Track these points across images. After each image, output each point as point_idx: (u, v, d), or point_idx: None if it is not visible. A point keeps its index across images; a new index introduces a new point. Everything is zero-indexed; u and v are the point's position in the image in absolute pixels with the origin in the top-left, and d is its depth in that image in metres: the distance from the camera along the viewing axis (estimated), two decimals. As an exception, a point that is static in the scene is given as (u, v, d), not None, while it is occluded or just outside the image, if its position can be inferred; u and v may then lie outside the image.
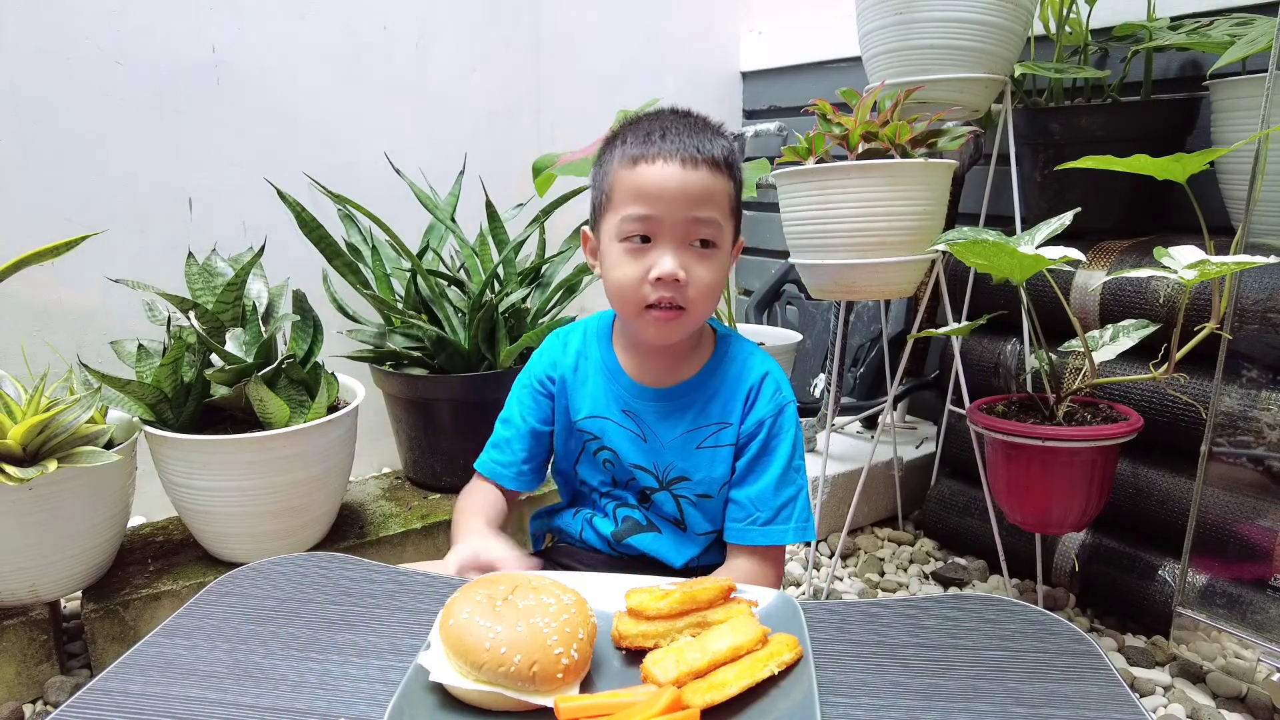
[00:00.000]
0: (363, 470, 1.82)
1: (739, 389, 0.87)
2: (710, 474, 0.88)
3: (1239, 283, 1.14)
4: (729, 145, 0.83)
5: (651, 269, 0.79)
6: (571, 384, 0.92)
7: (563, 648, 0.55)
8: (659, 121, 0.82)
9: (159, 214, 1.63)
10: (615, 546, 0.92)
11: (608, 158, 0.84)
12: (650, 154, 0.79)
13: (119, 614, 1.24)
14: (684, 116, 0.84)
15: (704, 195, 0.79)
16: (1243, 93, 1.25)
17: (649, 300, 0.80)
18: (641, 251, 0.80)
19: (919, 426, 2.00)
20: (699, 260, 0.80)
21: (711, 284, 0.81)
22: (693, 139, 0.80)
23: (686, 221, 0.79)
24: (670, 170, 0.78)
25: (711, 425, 0.87)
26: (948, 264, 1.52)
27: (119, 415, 1.30)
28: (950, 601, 0.69)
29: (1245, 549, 1.18)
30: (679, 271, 0.78)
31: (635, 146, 0.80)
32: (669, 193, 0.78)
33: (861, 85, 1.49)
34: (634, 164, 0.79)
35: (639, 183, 0.79)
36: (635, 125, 0.83)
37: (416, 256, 1.56)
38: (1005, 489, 1.24)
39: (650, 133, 0.80)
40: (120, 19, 1.54)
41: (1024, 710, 0.55)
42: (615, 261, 0.81)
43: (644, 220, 0.79)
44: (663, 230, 0.79)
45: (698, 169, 0.78)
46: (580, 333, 0.94)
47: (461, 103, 1.95)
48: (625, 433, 0.89)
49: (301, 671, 0.60)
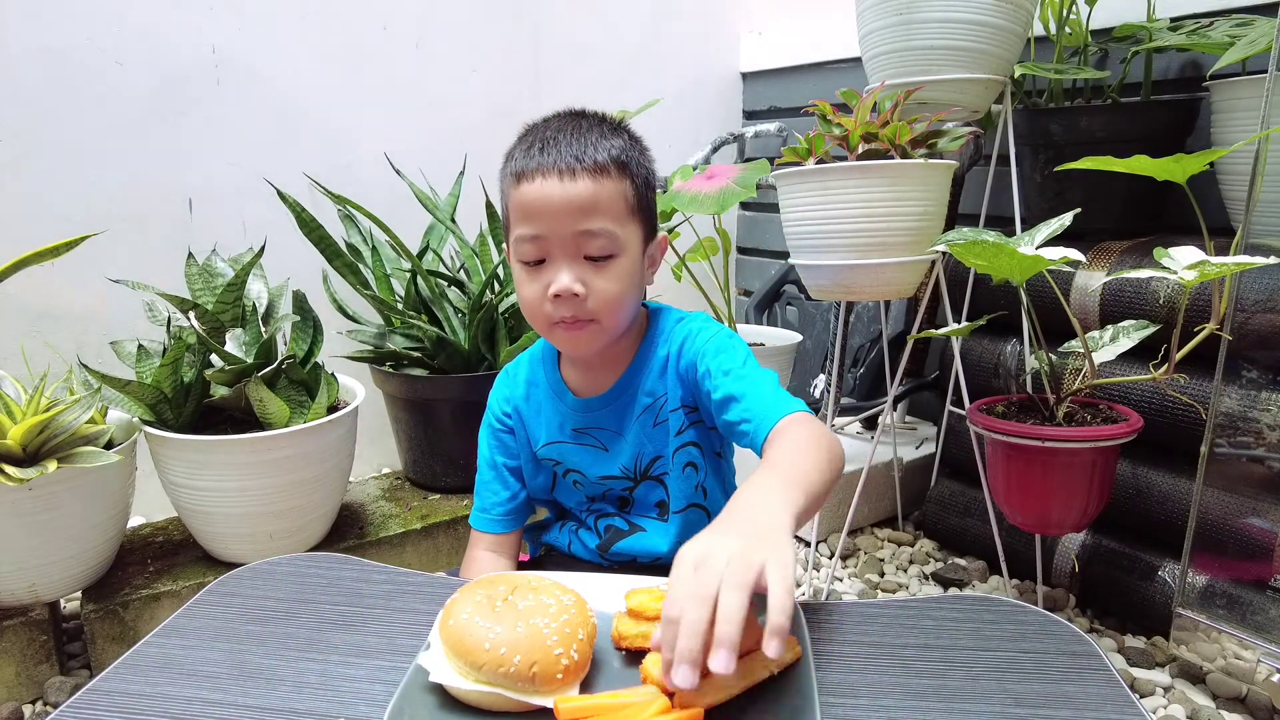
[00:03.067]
0: (363, 470, 1.82)
1: (664, 359, 0.86)
2: (671, 442, 0.86)
3: (1239, 283, 1.14)
4: (623, 144, 0.79)
5: (549, 286, 0.77)
6: (527, 414, 0.91)
7: (562, 648, 0.55)
8: (544, 130, 0.79)
9: (159, 214, 1.63)
10: (604, 556, 0.92)
11: (502, 173, 0.81)
12: (530, 170, 0.76)
13: (119, 614, 1.24)
14: (573, 119, 0.81)
15: (588, 206, 0.76)
16: (1243, 93, 1.25)
17: (554, 318, 0.78)
18: (538, 271, 0.78)
19: (919, 427, 2.00)
20: (597, 272, 0.78)
21: (616, 293, 0.78)
22: (574, 146, 0.77)
23: (574, 236, 0.76)
24: (549, 186, 0.75)
25: (657, 399, 0.86)
26: (948, 265, 1.52)
27: (119, 415, 1.30)
28: (950, 602, 0.69)
29: (1245, 549, 1.18)
30: (575, 286, 0.76)
31: (518, 161, 0.78)
32: (551, 209, 0.75)
33: (861, 86, 1.49)
34: (517, 182, 0.77)
35: (523, 202, 0.77)
36: (524, 136, 0.81)
37: (416, 257, 1.56)
38: (1005, 490, 1.24)
39: (532, 145, 0.78)
40: (120, 19, 1.54)
41: (1024, 711, 0.55)
42: (518, 282, 0.81)
43: (534, 241, 0.77)
44: (552, 248, 0.77)
45: (577, 180, 0.76)
46: (527, 362, 0.93)
47: (461, 103, 1.95)
48: (583, 450, 0.88)
49: (301, 672, 0.60)
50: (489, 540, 0.93)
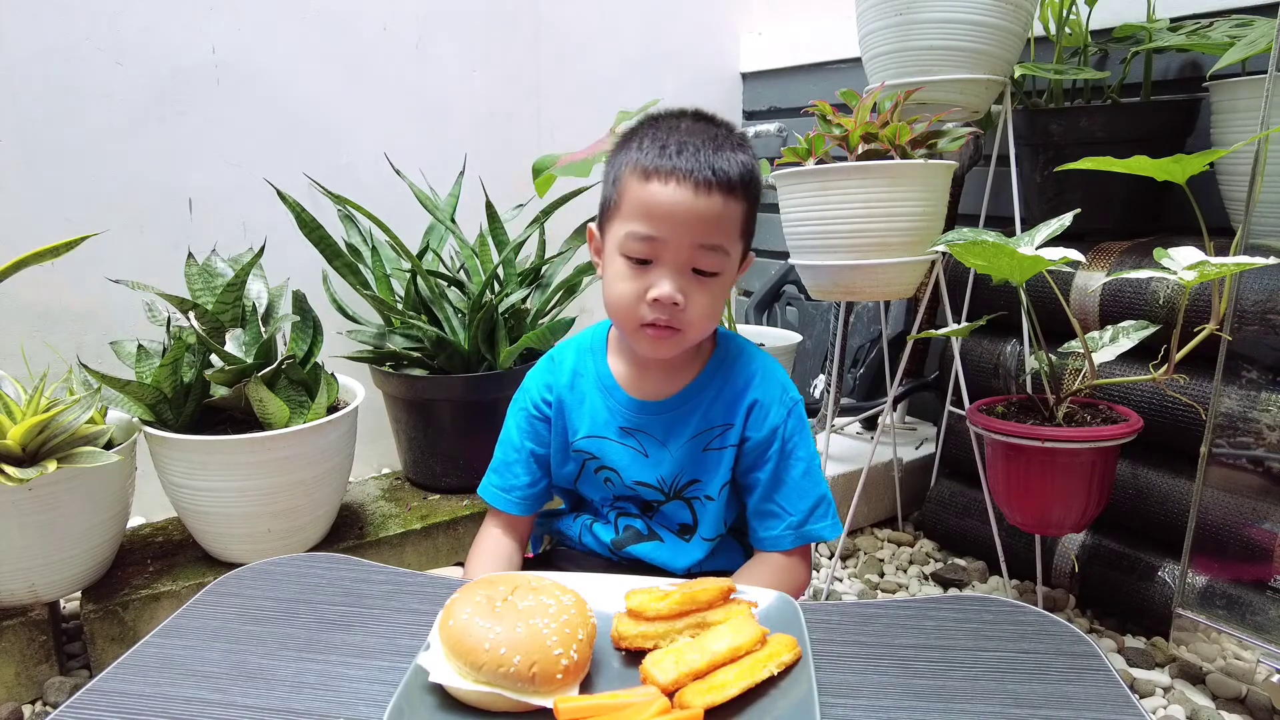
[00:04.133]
0: (362, 471, 1.82)
1: (743, 391, 0.85)
2: (716, 475, 0.86)
3: (1238, 284, 1.14)
4: (749, 160, 0.79)
5: (650, 289, 0.76)
6: (569, 403, 0.89)
7: (562, 648, 0.55)
8: (678, 131, 0.77)
9: (159, 214, 1.63)
10: (615, 553, 0.90)
11: (622, 158, 0.79)
12: (663, 170, 0.75)
13: (118, 614, 1.23)
14: (707, 124, 0.79)
15: (714, 223, 0.76)
16: (1242, 94, 1.25)
17: (645, 319, 0.78)
18: (642, 271, 0.77)
19: (919, 427, 2.00)
20: (699, 286, 0.78)
21: (711, 310, 0.79)
22: (711, 156, 0.75)
23: (691, 248, 0.76)
24: (682, 194, 0.74)
25: (716, 428, 0.85)
26: (947, 265, 1.52)
27: (119, 415, 1.30)
28: (950, 602, 0.69)
29: (1245, 550, 1.18)
30: (677, 296, 0.76)
31: (650, 156, 0.76)
32: (677, 217, 0.75)
33: (861, 86, 1.49)
34: (645, 178, 0.75)
35: (647, 200, 0.75)
36: (654, 128, 0.79)
37: (416, 257, 1.56)
38: (1005, 490, 1.24)
39: (667, 144, 0.76)
40: (120, 19, 1.54)
41: (1023, 711, 0.55)
42: (615, 274, 0.79)
43: (648, 241, 0.76)
44: (665, 254, 0.76)
45: (711, 195, 0.75)
46: (574, 349, 0.91)
47: (461, 103, 1.95)
48: (625, 450, 0.87)
49: (301, 672, 0.60)
50: (504, 520, 0.91)
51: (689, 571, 0.89)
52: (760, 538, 0.87)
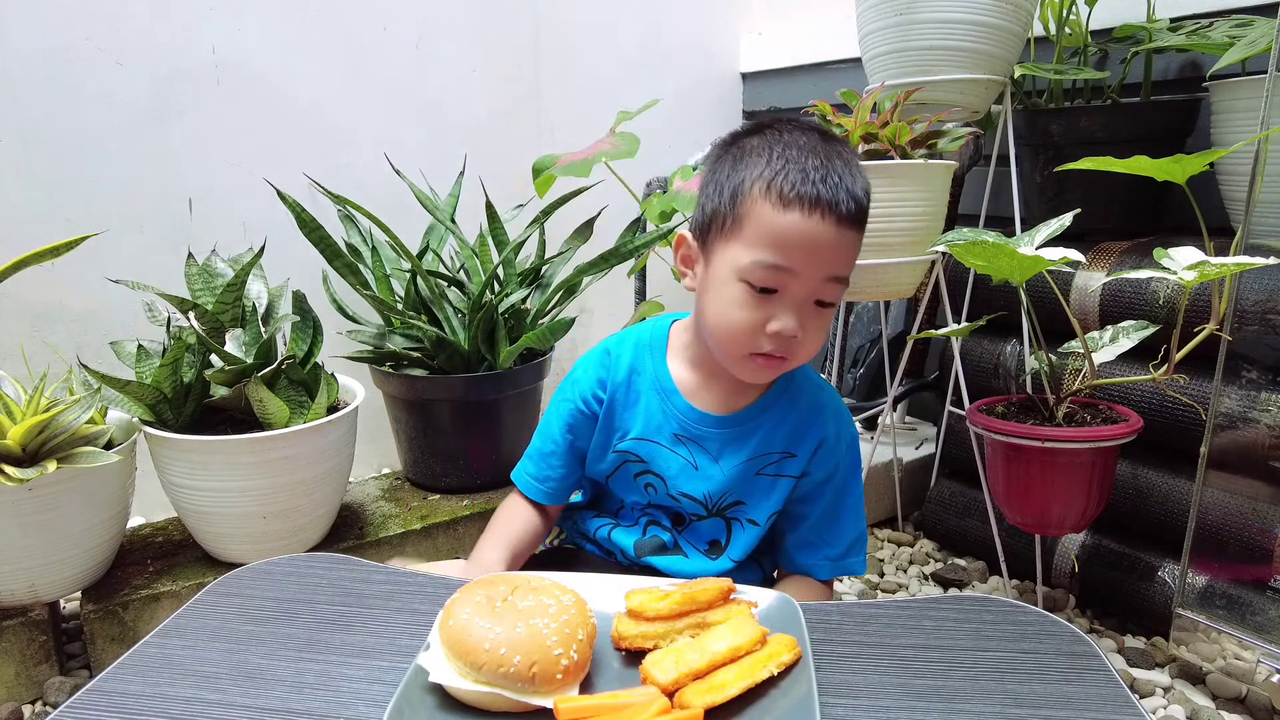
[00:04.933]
0: (362, 471, 1.82)
1: (810, 422, 0.83)
2: (766, 501, 0.84)
3: (1238, 284, 1.14)
4: (867, 184, 0.74)
5: (770, 321, 0.72)
6: (622, 401, 0.85)
7: (562, 649, 0.55)
8: (811, 152, 0.71)
9: (159, 214, 1.63)
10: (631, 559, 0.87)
11: (744, 173, 0.73)
12: (807, 199, 0.69)
13: (118, 615, 1.23)
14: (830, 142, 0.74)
15: (846, 254, 0.72)
16: (1242, 94, 1.25)
17: (760, 350, 0.74)
18: (764, 300, 0.72)
19: (919, 427, 2.00)
20: (816, 316, 0.74)
21: (822, 337, 0.76)
22: (849, 184, 0.70)
23: (821, 280, 0.72)
24: (826, 228, 0.69)
25: (776, 454, 0.82)
26: (947, 265, 1.52)
27: (119, 416, 1.30)
28: (950, 602, 0.69)
29: (1245, 550, 1.18)
30: (797, 331, 0.73)
31: (789, 180, 0.70)
32: (816, 251, 0.70)
33: (861, 86, 1.49)
34: (784, 205, 0.70)
35: (785, 230, 0.70)
36: (779, 142, 0.73)
37: (416, 257, 1.56)
38: (1005, 490, 1.24)
39: (806, 167, 0.70)
40: (120, 19, 1.54)
41: (1023, 711, 0.55)
42: (730, 300, 0.74)
43: (778, 271, 0.71)
44: (794, 285, 0.72)
45: (850, 229, 0.71)
46: (632, 346, 0.86)
47: (461, 103, 1.95)
48: (676, 459, 0.83)
49: (300, 672, 0.60)
50: (533, 504, 0.90)
51: None
52: (796, 564, 0.87)
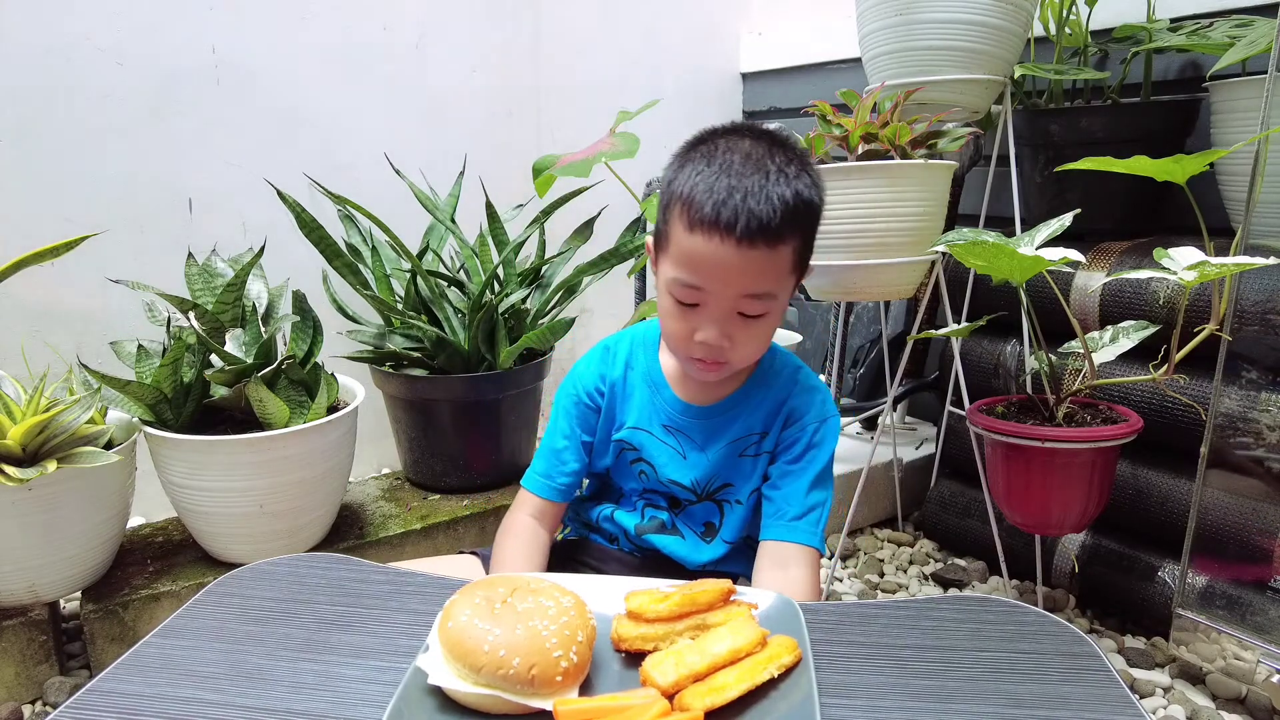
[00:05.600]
0: (362, 471, 1.82)
1: (783, 400, 0.88)
2: (749, 481, 0.89)
3: (1238, 284, 1.14)
4: (805, 188, 0.74)
5: (696, 331, 0.76)
6: (620, 394, 0.91)
7: (562, 650, 0.55)
8: (730, 168, 0.72)
9: (159, 214, 1.63)
10: (633, 540, 0.92)
11: (676, 184, 0.75)
12: (705, 223, 0.71)
13: (118, 614, 1.24)
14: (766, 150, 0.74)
15: (757, 274, 0.73)
16: (1242, 94, 1.25)
17: (693, 354, 0.79)
18: (689, 313, 0.77)
19: (919, 427, 2.00)
20: (745, 326, 0.77)
21: (759, 342, 0.79)
22: (758, 202, 0.70)
23: (735, 298, 0.75)
24: (724, 252, 0.71)
25: (754, 435, 0.88)
26: (947, 265, 1.52)
27: (119, 416, 1.30)
28: (950, 603, 0.69)
29: (1245, 550, 1.18)
30: (723, 341, 0.76)
31: (695, 196, 0.72)
32: (719, 274, 0.73)
33: (861, 86, 1.48)
34: (690, 229, 0.72)
35: (690, 252, 0.73)
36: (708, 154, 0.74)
37: (416, 257, 1.56)
38: (1005, 490, 1.24)
39: (714, 184, 0.71)
40: (120, 19, 1.54)
41: (1023, 712, 0.55)
42: (665, 310, 0.79)
43: (692, 289, 0.75)
44: (711, 303, 0.75)
45: (755, 247, 0.71)
46: (628, 342, 0.93)
47: (461, 103, 1.95)
48: (665, 449, 0.89)
49: (300, 673, 0.60)
50: (538, 505, 0.92)
51: (703, 568, 0.90)
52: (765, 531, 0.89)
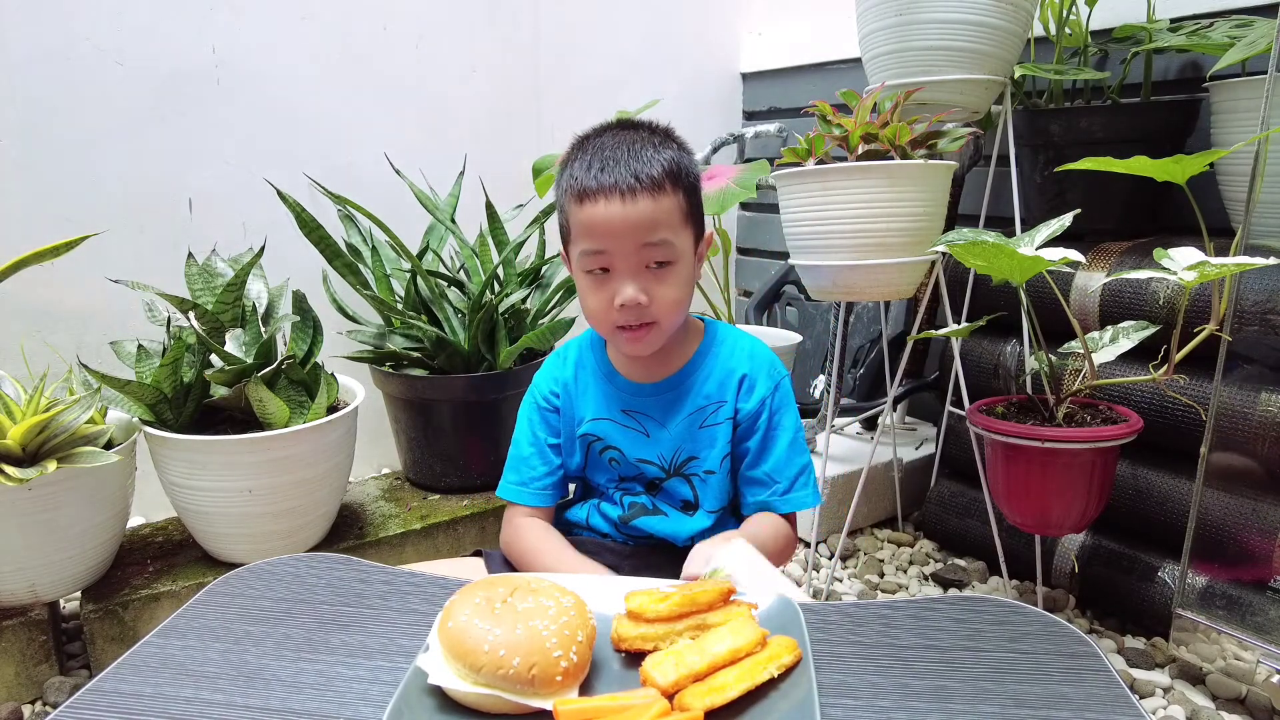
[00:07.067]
0: (362, 471, 1.82)
1: (733, 369, 0.92)
2: (712, 450, 0.91)
3: (1238, 284, 1.14)
4: (673, 155, 0.84)
5: (615, 296, 0.82)
6: (574, 392, 0.95)
7: (561, 650, 0.55)
8: (599, 146, 0.83)
9: (159, 214, 1.63)
10: (622, 529, 0.95)
11: (561, 185, 0.85)
12: (591, 190, 0.81)
13: (118, 614, 1.24)
14: (625, 132, 0.85)
15: (650, 222, 0.81)
16: (1242, 94, 1.25)
17: (619, 324, 0.84)
18: (603, 281, 0.84)
19: (919, 428, 2.00)
20: (658, 280, 0.83)
21: (676, 297, 0.84)
22: (631, 164, 0.81)
23: (637, 250, 0.81)
24: (612, 208, 0.80)
25: (711, 405, 0.91)
26: (947, 265, 1.52)
27: (119, 415, 1.30)
28: (950, 603, 0.69)
29: (1245, 550, 1.18)
30: (640, 296, 0.82)
31: (580, 179, 0.82)
32: (615, 228, 0.80)
33: (861, 86, 1.49)
34: (580, 201, 0.82)
35: (586, 221, 0.82)
36: (582, 150, 0.85)
37: (416, 257, 1.56)
38: (1005, 490, 1.24)
39: (591, 163, 0.82)
40: (120, 19, 1.54)
41: (1023, 712, 0.55)
42: (583, 290, 0.86)
43: (598, 255, 0.82)
44: (617, 262, 0.82)
45: (638, 199, 0.80)
46: (577, 346, 0.99)
47: (461, 103, 1.95)
48: (627, 431, 0.92)
49: (300, 672, 0.60)
50: (526, 512, 0.95)
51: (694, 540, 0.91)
52: (748, 503, 0.93)
